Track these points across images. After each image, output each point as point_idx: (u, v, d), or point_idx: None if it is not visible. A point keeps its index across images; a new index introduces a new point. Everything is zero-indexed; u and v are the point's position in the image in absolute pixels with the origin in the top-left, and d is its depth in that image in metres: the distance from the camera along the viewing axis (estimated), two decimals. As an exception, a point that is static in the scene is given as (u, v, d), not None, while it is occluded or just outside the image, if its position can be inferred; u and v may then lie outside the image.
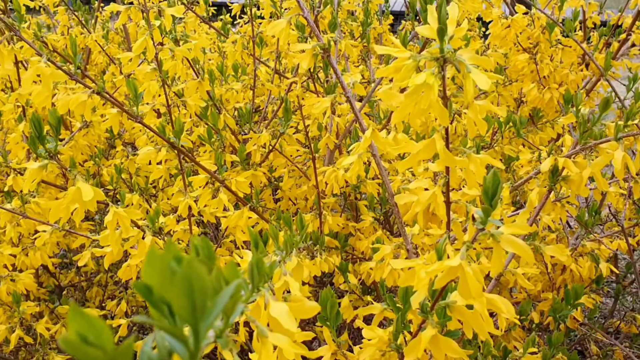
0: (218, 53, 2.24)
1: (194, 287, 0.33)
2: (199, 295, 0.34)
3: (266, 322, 0.69)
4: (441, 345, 0.81)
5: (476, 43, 2.06)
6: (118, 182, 1.75)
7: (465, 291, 0.70)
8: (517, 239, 0.73)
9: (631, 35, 2.03)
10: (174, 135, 1.22)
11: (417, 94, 0.76)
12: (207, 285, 0.34)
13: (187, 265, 0.33)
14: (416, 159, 0.86)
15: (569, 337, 1.84)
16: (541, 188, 1.13)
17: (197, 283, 0.33)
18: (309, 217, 1.64)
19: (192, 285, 0.33)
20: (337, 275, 1.62)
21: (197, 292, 0.34)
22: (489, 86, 0.71)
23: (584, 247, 1.57)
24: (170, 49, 1.37)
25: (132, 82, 1.15)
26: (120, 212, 1.11)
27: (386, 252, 1.23)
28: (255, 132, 1.71)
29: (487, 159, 0.87)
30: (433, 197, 0.91)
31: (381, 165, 1.19)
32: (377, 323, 1.07)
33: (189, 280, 0.33)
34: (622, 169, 1.00)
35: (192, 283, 0.33)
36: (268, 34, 1.19)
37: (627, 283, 2.09)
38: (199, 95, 1.59)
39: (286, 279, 0.84)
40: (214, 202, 1.35)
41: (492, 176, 0.66)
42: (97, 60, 2.40)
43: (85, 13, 2.52)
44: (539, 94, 1.89)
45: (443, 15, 0.74)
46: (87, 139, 1.92)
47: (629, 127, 1.01)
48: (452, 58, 0.76)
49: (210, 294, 0.35)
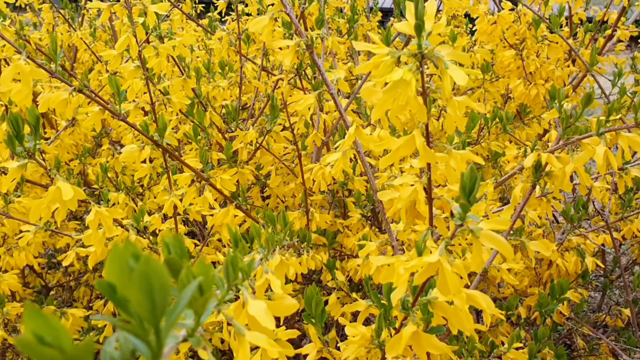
0: (205, 50, 2.24)
1: (153, 285, 0.33)
2: (159, 293, 0.33)
3: (246, 320, 0.69)
4: (422, 342, 0.80)
5: (463, 39, 2.06)
6: (104, 181, 1.74)
7: (444, 287, 0.70)
8: (497, 234, 0.72)
9: (616, 31, 2.04)
10: (157, 134, 1.22)
11: (395, 90, 0.75)
12: (168, 283, 0.34)
13: (144, 262, 0.32)
14: (396, 155, 0.86)
15: (557, 331, 1.85)
16: (525, 184, 1.13)
17: (156, 281, 0.33)
18: (297, 215, 1.64)
19: (151, 283, 0.33)
20: (325, 272, 1.62)
21: (157, 290, 0.33)
22: (466, 82, 0.71)
23: (570, 242, 1.58)
24: (154, 46, 1.37)
25: (114, 80, 1.15)
26: (103, 211, 1.10)
27: (371, 249, 1.23)
28: (242, 129, 1.70)
29: (467, 155, 0.87)
30: (414, 194, 0.91)
31: (365, 162, 1.18)
32: (363, 320, 1.07)
33: (147, 277, 0.33)
34: (604, 164, 1.00)
35: (150, 281, 0.33)
36: (251, 30, 1.18)
37: (614, 277, 2.10)
38: (185, 92, 1.58)
39: (268, 276, 0.84)
40: (199, 200, 1.34)
41: (469, 172, 0.66)
42: (82, 58, 2.38)
43: (72, 10, 2.51)
44: (525, 90, 1.89)
45: (420, 12, 0.74)
46: (73, 137, 1.91)
47: (611, 122, 1.01)
48: (430, 54, 0.76)
49: (171, 292, 0.34)
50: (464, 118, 0.79)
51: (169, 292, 0.34)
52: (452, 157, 0.87)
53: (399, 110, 0.79)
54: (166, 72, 1.61)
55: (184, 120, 1.77)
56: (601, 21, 2.16)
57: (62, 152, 1.89)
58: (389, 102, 0.78)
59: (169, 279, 0.34)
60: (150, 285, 0.33)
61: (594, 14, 2.23)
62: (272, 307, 0.66)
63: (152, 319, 0.34)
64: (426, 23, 0.76)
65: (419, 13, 0.74)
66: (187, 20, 2.18)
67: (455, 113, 0.79)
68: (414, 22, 0.75)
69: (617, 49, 2.32)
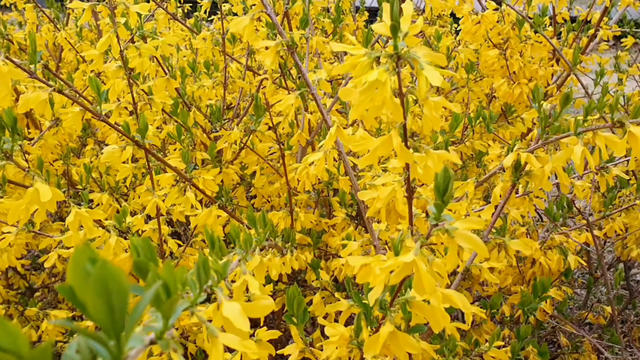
0: (191, 50, 2.23)
1: (111, 289, 0.33)
2: (117, 297, 0.33)
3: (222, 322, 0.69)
4: (400, 341, 0.81)
5: (448, 39, 2.07)
6: (88, 182, 1.73)
7: (420, 287, 0.71)
8: (472, 234, 0.73)
9: (599, 31, 2.05)
10: (138, 134, 1.21)
11: (371, 90, 0.76)
12: (126, 287, 0.34)
13: (101, 266, 0.32)
14: (375, 155, 0.86)
15: (542, 328, 1.86)
16: (505, 183, 1.14)
17: (113, 285, 0.33)
18: (281, 215, 1.64)
19: (108, 288, 0.33)
20: (309, 272, 1.62)
21: (115, 295, 0.33)
22: (441, 82, 0.71)
23: (552, 240, 1.59)
24: (136, 47, 1.36)
25: (95, 81, 1.14)
26: (82, 212, 1.10)
27: (353, 249, 1.23)
28: (227, 129, 1.70)
29: (444, 155, 0.87)
30: (393, 193, 0.91)
31: (347, 161, 1.19)
32: (345, 320, 1.07)
33: (103, 282, 0.33)
34: (582, 163, 1.01)
35: (107, 285, 0.33)
36: (231, 31, 1.18)
37: (598, 275, 2.11)
38: (168, 92, 1.58)
39: (245, 277, 0.84)
40: (181, 200, 1.34)
41: (442, 173, 0.67)
42: (67, 58, 2.37)
43: (57, 10, 2.50)
44: (509, 89, 1.90)
45: (396, 13, 0.74)
46: (57, 137, 1.90)
47: (588, 122, 1.02)
48: (406, 55, 0.76)
49: (128, 297, 0.34)
50: (440, 118, 0.80)
51: (127, 297, 0.34)
52: (430, 157, 0.87)
53: (375, 110, 0.80)
54: (150, 72, 1.61)
55: (169, 120, 1.77)
56: (584, 21, 2.17)
57: (45, 152, 1.88)
58: (365, 102, 0.79)
59: (127, 283, 0.34)
60: (108, 289, 0.33)
61: (578, 14, 2.24)
62: (246, 309, 0.66)
63: (111, 323, 0.34)
64: (402, 24, 0.77)
65: (394, 14, 0.75)
66: (170, 19, 2.17)
67: (432, 113, 0.79)
68: (390, 23, 0.75)
69: (600, 48, 2.34)
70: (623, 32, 2.45)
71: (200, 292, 0.58)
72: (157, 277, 0.46)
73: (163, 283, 0.46)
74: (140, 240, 0.50)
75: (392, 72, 0.77)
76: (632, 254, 1.86)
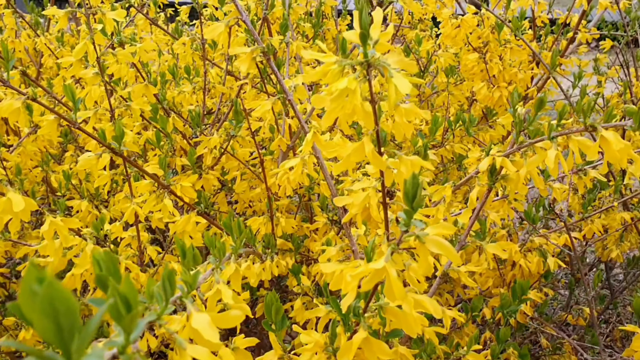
0: (172, 55, 2.22)
1: (58, 309, 0.33)
2: (65, 317, 0.33)
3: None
4: (373, 348, 0.81)
5: (428, 43, 2.08)
6: (67, 188, 1.72)
7: (390, 293, 0.71)
8: (442, 239, 0.73)
9: (578, 34, 2.07)
10: (114, 141, 1.21)
11: (341, 98, 0.76)
12: (74, 307, 0.33)
13: (48, 286, 0.32)
14: (348, 161, 0.86)
15: (526, 329, 1.87)
16: (481, 187, 1.15)
17: (61, 305, 0.33)
18: (262, 220, 1.63)
19: (56, 307, 0.33)
20: (290, 277, 1.61)
21: (63, 315, 0.33)
22: (409, 90, 0.71)
23: (532, 243, 1.59)
24: (113, 53, 1.36)
25: (69, 87, 1.14)
26: (57, 221, 1.09)
27: (332, 254, 1.23)
28: (207, 135, 1.70)
29: (418, 161, 0.87)
30: (367, 199, 0.92)
31: (325, 167, 1.19)
32: (323, 326, 1.07)
33: (50, 302, 0.32)
34: (556, 167, 1.01)
35: (55, 305, 0.32)
36: (206, 37, 1.18)
37: (579, 275, 2.12)
38: (147, 98, 1.57)
39: (219, 287, 0.83)
40: (159, 207, 1.33)
41: (411, 179, 0.67)
42: (47, 64, 2.35)
43: (37, 15, 2.48)
44: (489, 93, 1.91)
45: (365, 21, 0.74)
46: (36, 144, 1.89)
47: (561, 126, 1.03)
48: (376, 62, 0.76)
49: (78, 316, 0.34)
50: (412, 124, 0.80)
51: (76, 316, 0.34)
52: (403, 163, 0.87)
53: (347, 118, 0.80)
54: (129, 78, 1.60)
55: (150, 126, 1.76)
56: (564, 24, 2.19)
57: (25, 159, 1.86)
58: (337, 110, 0.79)
59: (76, 302, 0.34)
60: (55, 309, 0.33)
61: (557, 16, 2.26)
62: (216, 320, 0.66)
63: (60, 343, 0.34)
64: (372, 32, 0.77)
65: (363, 22, 0.75)
66: (150, 24, 2.16)
67: (402, 120, 0.80)
68: (359, 31, 0.75)
69: (579, 50, 2.36)
70: (602, 34, 2.48)
71: (167, 304, 0.58)
72: (116, 292, 0.45)
73: (123, 297, 0.46)
74: (102, 253, 0.50)
75: (362, 79, 0.77)
76: (612, 255, 1.88)
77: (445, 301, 1.67)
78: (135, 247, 1.43)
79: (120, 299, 0.46)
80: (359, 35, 0.75)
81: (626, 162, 1.00)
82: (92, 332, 0.36)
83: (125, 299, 0.46)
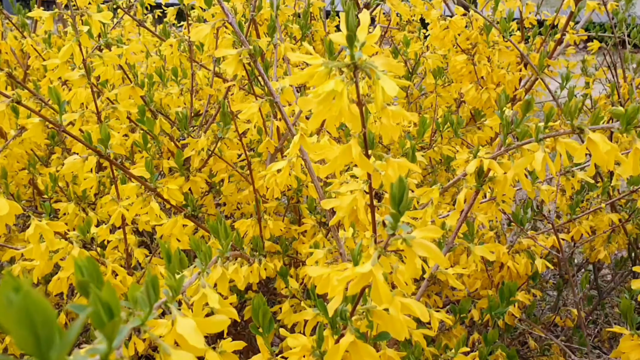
0: (160, 57, 2.21)
1: (35, 320, 0.32)
2: (43, 327, 0.33)
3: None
4: (360, 351, 0.81)
5: (416, 44, 2.08)
6: (53, 191, 1.70)
7: (377, 297, 0.70)
8: (429, 243, 0.73)
9: (566, 35, 2.08)
10: (100, 144, 1.20)
11: (328, 100, 0.75)
12: (51, 316, 0.33)
13: (24, 296, 0.32)
14: (335, 164, 0.86)
15: (515, 330, 1.87)
16: (468, 190, 1.14)
17: (38, 315, 0.32)
18: (250, 222, 1.63)
19: (32, 318, 0.32)
20: (278, 279, 1.61)
21: (40, 325, 0.32)
22: (396, 92, 0.71)
23: (520, 244, 1.60)
24: (99, 55, 1.35)
25: (54, 90, 1.12)
26: (43, 225, 1.08)
27: (319, 257, 1.23)
28: (194, 137, 1.69)
29: (405, 163, 0.87)
30: (354, 202, 0.91)
31: (312, 169, 1.18)
32: (311, 329, 1.06)
33: (27, 312, 0.32)
34: (543, 170, 1.01)
35: (31, 315, 0.32)
36: (192, 39, 1.17)
37: (568, 277, 2.13)
38: (134, 100, 1.56)
39: (204, 291, 0.83)
40: (146, 210, 1.33)
41: (398, 183, 0.67)
42: (34, 65, 2.33)
43: (23, 16, 2.46)
44: (477, 94, 1.91)
45: (351, 23, 0.74)
46: (23, 146, 1.87)
47: (548, 128, 1.03)
48: (363, 65, 0.76)
49: (55, 325, 0.33)
50: (397, 128, 0.80)
51: (53, 325, 0.33)
52: (390, 166, 0.87)
53: (334, 120, 0.80)
54: (115, 80, 1.59)
55: (136, 129, 1.75)
56: (552, 25, 2.20)
57: (11, 161, 1.85)
58: (323, 112, 0.78)
59: (53, 312, 0.33)
60: (31, 319, 0.32)
61: (545, 18, 2.26)
62: (201, 325, 0.65)
63: (37, 353, 0.33)
64: (359, 34, 0.77)
65: (350, 24, 0.74)
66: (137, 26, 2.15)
67: (389, 122, 0.79)
68: (346, 33, 0.75)
69: (567, 52, 2.37)
70: (590, 36, 2.49)
71: (151, 310, 0.57)
72: (97, 299, 0.45)
73: (105, 304, 0.45)
74: (85, 259, 0.49)
75: (349, 82, 0.76)
76: (600, 256, 1.89)
77: (434, 303, 1.67)
78: (122, 250, 1.42)
79: (102, 305, 0.45)
80: (346, 37, 0.74)
81: (613, 164, 1.01)
82: (72, 341, 0.36)
83: (107, 306, 0.46)
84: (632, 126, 0.96)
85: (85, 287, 0.49)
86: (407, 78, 1.98)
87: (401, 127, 1.69)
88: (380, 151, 0.90)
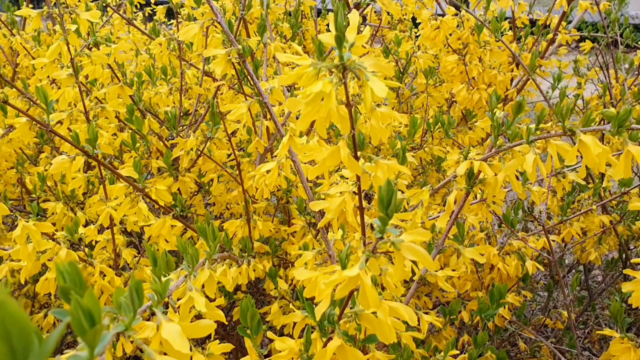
0: (149, 55, 2.20)
1: (10, 332, 0.31)
2: (18, 339, 0.32)
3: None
4: (348, 355, 0.80)
5: (408, 44, 2.07)
6: (42, 190, 1.69)
7: (364, 301, 0.70)
8: (417, 246, 0.72)
9: (558, 35, 2.08)
10: (88, 143, 1.18)
11: (316, 102, 0.74)
12: (27, 328, 0.32)
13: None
14: (324, 166, 0.85)
15: (505, 331, 1.87)
16: (458, 191, 1.14)
17: (13, 327, 0.31)
18: (239, 223, 1.61)
19: (8, 330, 0.31)
20: (267, 280, 1.60)
21: (15, 337, 0.31)
22: (385, 94, 0.70)
23: (510, 246, 1.59)
24: (87, 54, 1.33)
25: (42, 89, 1.11)
26: (29, 226, 1.07)
27: (308, 259, 1.22)
28: (183, 136, 1.68)
29: (394, 165, 0.86)
30: (343, 204, 0.90)
31: (301, 170, 1.17)
32: (299, 331, 1.06)
33: (2, 323, 0.31)
34: (534, 172, 1.01)
35: (6, 327, 0.31)
36: (181, 39, 1.16)
37: (558, 278, 2.13)
38: (122, 100, 1.54)
39: (191, 294, 0.82)
40: (134, 210, 1.31)
41: (386, 186, 0.66)
42: (23, 63, 2.31)
43: (13, 14, 2.43)
44: (468, 95, 1.91)
45: (340, 24, 0.73)
46: (11, 145, 1.86)
47: (540, 129, 1.02)
48: (352, 65, 0.75)
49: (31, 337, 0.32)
50: (386, 129, 0.79)
51: (30, 337, 0.32)
52: (379, 168, 0.86)
53: (323, 121, 0.79)
54: (104, 79, 1.57)
55: (125, 128, 1.73)
56: (544, 25, 2.20)
57: (-1, 160, 1.83)
58: (312, 113, 0.77)
59: (29, 324, 0.32)
60: (7, 331, 0.31)
61: (538, 17, 2.26)
62: (186, 329, 0.64)
63: (12, 362, 0.32)
64: (348, 34, 0.76)
65: (339, 25, 0.74)
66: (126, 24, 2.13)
67: (378, 124, 0.78)
68: (334, 33, 0.74)
69: (559, 52, 2.37)
70: (582, 36, 2.49)
71: (135, 315, 0.56)
72: (79, 305, 0.44)
73: (86, 311, 0.44)
74: (67, 265, 0.48)
75: (338, 82, 0.76)
76: (591, 257, 1.89)
77: (423, 304, 1.66)
78: (110, 251, 1.40)
79: (83, 312, 0.45)
80: (335, 37, 0.74)
81: (605, 166, 1.00)
82: (49, 351, 0.35)
83: (89, 313, 0.45)
84: (623, 128, 0.95)
85: (67, 293, 0.48)
86: (398, 78, 1.97)
87: (391, 129, 1.68)
88: (370, 152, 0.90)
